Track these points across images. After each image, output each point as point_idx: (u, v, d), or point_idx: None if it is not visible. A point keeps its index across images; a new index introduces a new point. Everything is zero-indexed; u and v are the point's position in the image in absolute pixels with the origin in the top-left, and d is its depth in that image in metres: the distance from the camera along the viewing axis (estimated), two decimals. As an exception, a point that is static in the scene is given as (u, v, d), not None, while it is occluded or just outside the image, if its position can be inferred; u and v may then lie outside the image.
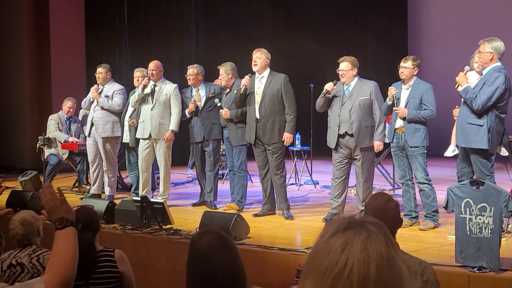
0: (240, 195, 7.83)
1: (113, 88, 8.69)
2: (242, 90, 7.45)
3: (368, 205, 3.31)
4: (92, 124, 8.61)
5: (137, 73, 8.72)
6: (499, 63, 6.00)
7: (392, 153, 6.98)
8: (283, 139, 7.38)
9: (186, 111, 8.12)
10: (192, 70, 8.19)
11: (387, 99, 6.83)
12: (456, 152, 6.70)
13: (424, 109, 6.66)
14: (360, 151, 7.02)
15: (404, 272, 1.51)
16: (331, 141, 7.16)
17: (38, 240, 4.59)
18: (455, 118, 6.53)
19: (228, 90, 7.99)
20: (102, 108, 8.57)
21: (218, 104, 7.93)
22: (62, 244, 2.45)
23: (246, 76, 7.51)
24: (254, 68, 7.48)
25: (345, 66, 7.07)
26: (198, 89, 8.18)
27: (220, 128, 8.18)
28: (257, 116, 7.43)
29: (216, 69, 8.24)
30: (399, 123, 6.79)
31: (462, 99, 6.20)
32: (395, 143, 6.85)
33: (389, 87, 6.83)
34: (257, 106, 7.43)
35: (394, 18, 13.96)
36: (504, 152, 6.49)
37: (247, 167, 8.02)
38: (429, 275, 3.22)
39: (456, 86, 6.20)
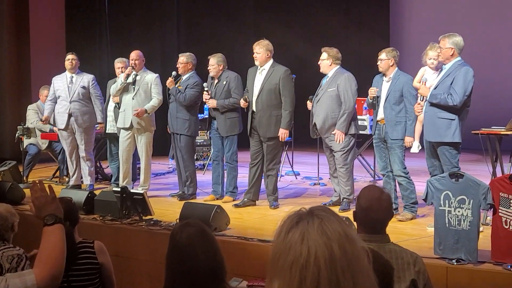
0: (232, 186, 7.86)
1: (86, 78, 8.68)
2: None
3: (362, 196, 3.29)
4: (69, 116, 8.55)
5: (119, 63, 8.68)
6: (459, 58, 6.10)
7: (374, 145, 7.01)
8: (278, 135, 7.36)
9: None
10: (182, 59, 8.10)
11: (368, 97, 6.88)
12: (421, 147, 6.76)
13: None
14: (330, 141, 7.13)
15: (362, 243, 1.54)
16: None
17: (11, 236, 4.49)
18: (417, 114, 6.54)
19: (216, 80, 7.93)
20: (79, 100, 8.53)
21: (206, 89, 7.89)
22: (50, 239, 2.51)
23: (242, 101, 7.45)
24: (256, 63, 7.44)
25: (321, 56, 7.22)
26: (182, 78, 8.12)
27: (188, 123, 7.99)
28: (254, 108, 7.41)
29: (199, 60, 8.20)
30: (380, 115, 6.82)
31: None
32: (376, 135, 6.89)
33: (370, 89, 6.86)
34: (254, 99, 7.40)
35: (376, 8, 13.96)
36: None
37: (237, 157, 7.98)
38: (420, 265, 3.27)
39: (421, 99, 6.28)
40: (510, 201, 5.03)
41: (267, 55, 7.39)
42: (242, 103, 7.48)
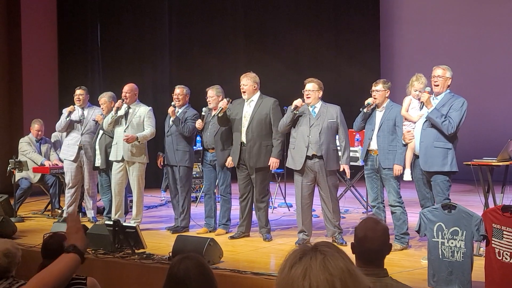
0: (226, 218, 7.86)
1: (97, 111, 8.85)
2: (219, 113, 7.46)
3: (358, 227, 3.28)
4: (79, 148, 8.67)
5: (102, 99, 8.74)
6: (449, 89, 6.26)
7: (365, 175, 7.00)
8: (269, 164, 7.37)
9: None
10: (181, 90, 8.08)
11: (363, 110, 6.85)
12: None
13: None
14: (327, 174, 7.04)
15: (366, 280, 1.54)
16: (296, 162, 7.09)
17: (15, 270, 4.48)
18: (407, 141, 6.54)
19: (215, 111, 7.95)
20: (90, 133, 8.73)
21: (203, 113, 7.94)
22: (60, 262, 2.56)
23: (224, 100, 7.52)
24: (244, 96, 7.47)
25: (312, 86, 7.11)
26: (179, 110, 8.13)
27: (188, 155, 8.02)
28: (243, 139, 7.41)
29: (191, 91, 8.24)
30: (373, 146, 6.82)
31: (422, 124, 6.29)
32: (369, 166, 6.87)
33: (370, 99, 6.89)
34: (244, 130, 7.41)
35: (367, 41, 14.09)
36: None
37: (231, 189, 7.98)
38: None
39: (421, 106, 6.32)
40: (503, 232, 5.04)
41: (254, 87, 7.45)
42: (199, 123, 7.74)
